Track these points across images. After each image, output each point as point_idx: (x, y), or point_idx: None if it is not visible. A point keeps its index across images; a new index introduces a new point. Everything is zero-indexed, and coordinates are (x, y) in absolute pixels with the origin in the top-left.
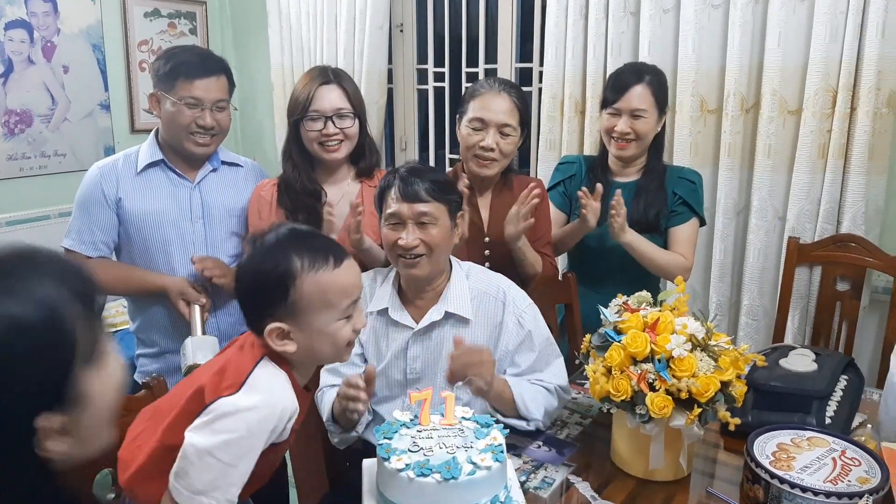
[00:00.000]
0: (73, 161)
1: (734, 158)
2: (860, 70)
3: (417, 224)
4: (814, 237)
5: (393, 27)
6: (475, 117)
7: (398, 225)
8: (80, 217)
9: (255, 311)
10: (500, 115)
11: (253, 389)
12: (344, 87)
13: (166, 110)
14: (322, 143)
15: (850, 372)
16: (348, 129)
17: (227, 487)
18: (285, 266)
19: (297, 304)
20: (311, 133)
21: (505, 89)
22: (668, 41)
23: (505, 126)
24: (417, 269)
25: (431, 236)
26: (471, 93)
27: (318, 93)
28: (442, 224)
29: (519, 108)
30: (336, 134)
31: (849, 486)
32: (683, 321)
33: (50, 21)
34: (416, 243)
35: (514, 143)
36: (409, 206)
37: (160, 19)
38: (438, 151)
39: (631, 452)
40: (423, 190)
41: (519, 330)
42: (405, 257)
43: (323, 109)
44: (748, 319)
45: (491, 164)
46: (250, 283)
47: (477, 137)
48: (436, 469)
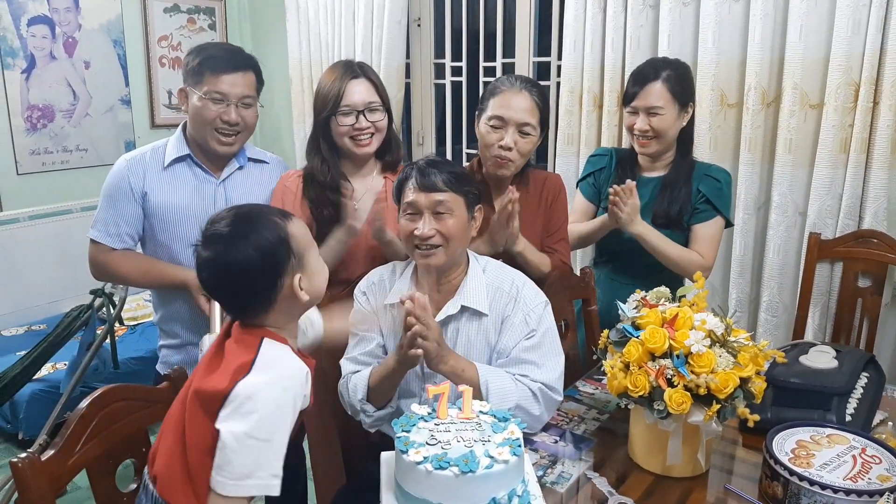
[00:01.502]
0: (94, 156)
1: (754, 153)
2: (883, 64)
3: (434, 214)
4: (835, 233)
5: (410, 22)
6: (494, 115)
7: (415, 215)
8: (106, 208)
9: (268, 284)
10: (519, 113)
11: (265, 366)
12: (372, 81)
13: (193, 105)
14: (353, 138)
15: (871, 369)
16: (379, 122)
17: (269, 463)
18: (278, 227)
19: (298, 252)
20: (342, 128)
21: (526, 87)
22: (687, 34)
23: (524, 125)
24: (433, 260)
25: (448, 226)
26: (491, 90)
27: (348, 87)
28: (458, 215)
29: (539, 106)
30: (368, 128)
31: (869, 484)
32: (702, 317)
33: (71, 17)
34: (432, 233)
35: (532, 142)
36: (426, 195)
37: (179, 14)
38: (455, 146)
39: (648, 448)
40: (440, 180)
41: (523, 327)
42: (421, 248)
43: (354, 104)
44: (768, 315)
45: (508, 164)
46: (257, 261)
47: (495, 136)
48: (453, 462)
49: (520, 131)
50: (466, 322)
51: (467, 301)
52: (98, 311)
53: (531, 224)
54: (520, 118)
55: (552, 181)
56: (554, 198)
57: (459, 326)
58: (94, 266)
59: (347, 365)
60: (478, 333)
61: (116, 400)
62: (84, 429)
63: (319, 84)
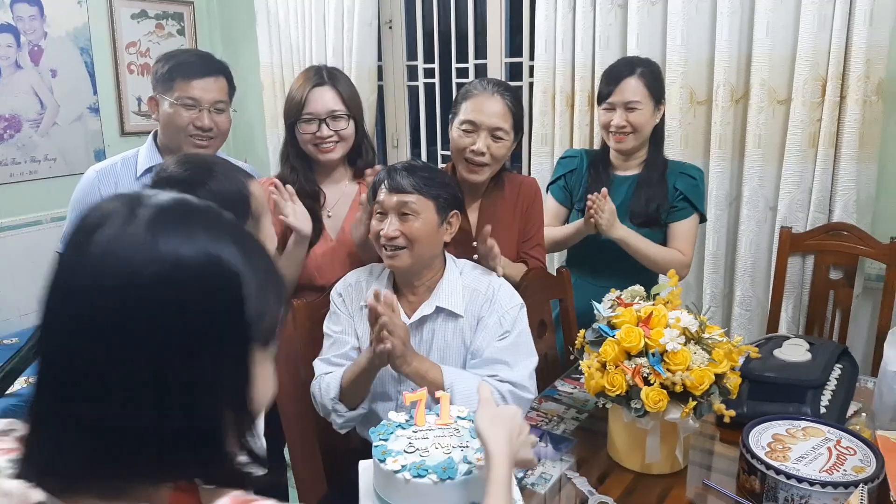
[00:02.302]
0: (63, 165)
1: (725, 149)
2: (849, 58)
3: (399, 215)
4: (806, 226)
5: (382, 24)
6: (466, 119)
7: (382, 215)
8: None
9: None
10: (492, 118)
11: None
12: (338, 89)
13: (164, 112)
14: (317, 145)
15: (845, 360)
16: (343, 130)
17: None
18: (238, 180)
19: (256, 212)
20: (305, 136)
21: (498, 91)
22: (656, 33)
23: (497, 130)
24: (397, 261)
25: (412, 229)
26: (463, 94)
27: (311, 95)
28: (425, 218)
29: (513, 111)
30: (330, 136)
31: (844, 476)
32: (677, 315)
33: (36, 25)
34: (395, 234)
35: (506, 147)
36: (392, 196)
37: (147, 20)
38: (430, 148)
39: (627, 446)
40: (408, 183)
41: (497, 328)
42: (386, 248)
43: (316, 112)
44: (741, 310)
45: (481, 169)
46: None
47: (467, 140)
48: (432, 470)
49: (492, 136)
50: (442, 323)
51: (443, 302)
52: None
53: (507, 230)
54: (492, 123)
55: (528, 186)
56: (530, 203)
57: (435, 327)
58: None
59: (320, 366)
60: (454, 334)
61: None
62: None
63: (289, 90)
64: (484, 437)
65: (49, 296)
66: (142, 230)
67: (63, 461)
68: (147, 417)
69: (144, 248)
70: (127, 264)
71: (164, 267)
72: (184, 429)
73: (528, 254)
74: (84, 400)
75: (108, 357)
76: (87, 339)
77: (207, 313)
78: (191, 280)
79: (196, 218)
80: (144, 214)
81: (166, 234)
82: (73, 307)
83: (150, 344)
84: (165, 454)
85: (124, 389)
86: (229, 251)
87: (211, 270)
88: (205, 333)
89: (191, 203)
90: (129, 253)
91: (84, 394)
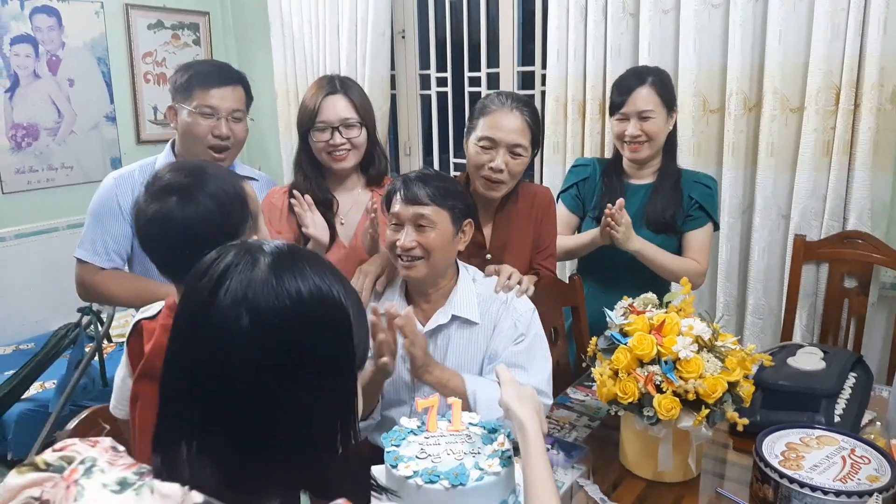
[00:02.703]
0: (80, 173)
1: (738, 158)
2: (863, 67)
3: (415, 227)
4: (820, 235)
5: (395, 33)
6: (484, 136)
7: (398, 226)
8: (93, 227)
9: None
10: (511, 134)
11: None
12: (350, 97)
13: (182, 121)
14: (330, 153)
15: (859, 369)
16: (355, 138)
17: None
18: (233, 181)
19: (254, 212)
20: (318, 144)
21: (517, 107)
22: (668, 42)
23: (516, 146)
24: (414, 272)
25: (429, 239)
26: (480, 109)
27: (324, 103)
28: (441, 229)
29: (531, 126)
30: (343, 144)
31: (858, 485)
32: (689, 322)
33: (55, 35)
34: (412, 245)
35: (524, 163)
36: (408, 207)
37: (164, 31)
38: (442, 156)
39: (639, 454)
40: (424, 193)
41: (513, 332)
42: (403, 259)
43: (329, 120)
44: (754, 318)
45: (499, 185)
46: (215, 213)
47: (485, 157)
48: (444, 476)
49: (511, 152)
50: (457, 331)
51: (458, 310)
52: (86, 329)
53: (521, 241)
54: (511, 139)
55: (542, 196)
56: (544, 213)
57: (451, 335)
58: (82, 286)
59: None
60: (469, 342)
61: (104, 421)
62: None
63: (303, 99)
64: (514, 412)
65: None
66: (267, 274)
67: (210, 473)
68: (279, 432)
69: (269, 288)
70: (257, 304)
71: (288, 304)
72: (308, 440)
73: (540, 264)
74: (226, 420)
75: (247, 383)
76: (228, 369)
77: (327, 342)
78: (312, 314)
79: (305, 260)
80: (266, 261)
81: (287, 276)
82: (213, 345)
83: (282, 370)
84: (294, 463)
85: (263, 409)
86: (337, 288)
87: (326, 305)
88: (325, 359)
89: (297, 248)
90: (258, 294)
91: (227, 415)
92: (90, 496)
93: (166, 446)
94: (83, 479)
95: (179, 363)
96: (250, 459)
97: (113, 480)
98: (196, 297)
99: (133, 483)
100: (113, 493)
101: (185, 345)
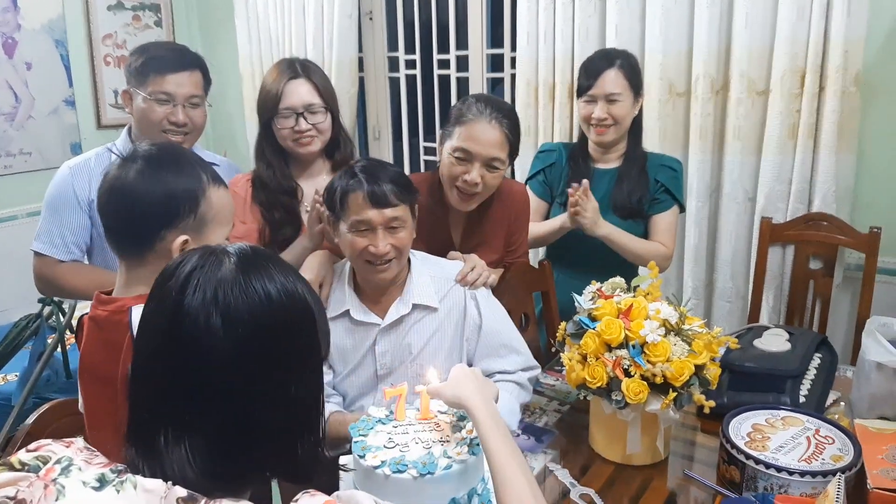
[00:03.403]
0: (39, 159)
1: (705, 141)
2: (827, 50)
3: (387, 229)
4: (786, 217)
5: (362, 15)
6: (460, 147)
7: (367, 231)
8: (50, 219)
9: (154, 224)
10: (488, 148)
11: None
12: (313, 81)
13: (138, 106)
14: (295, 140)
15: (824, 350)
16: (320, 123)
17: None
18: (195, 176)
19: (205, 216)
20: (283, 131)
21: (496, 118)
22: (634, 25)
23: (493, 160)
24: (387, 273)
25: (401, 239)
26: (457, 116)
27: (287, 88)
28: (409, 225)
29: (510, 139)
30: (308, 130)
31: (822, 465)
32: (657, 306)
33: (10, 17)
34: (388, 249)
35: (500, 175)
36: (380, 212)
37: (124, 12)
38: (412, 139)
39: (608, 438)
40: (390, 193)
41: (474, 316)
42: (375, 263)
43: (293, 106)
44: (722, 301)
45: (472, 198)
46: (153, 192)
47: (460, 169)
48: (412, 465)
49: (487, 166)
50: (417, 316)
51: (417, 299)
52: (48, 320)
53: (494, 236)
54: (488, 153)
55: (517, 193)
56: (518, 213)
57: (410, 322)
58: (41, 280)
59: None
60: (430, 328)
61: (65, 414)
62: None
63: (262, 84)
64: (458, 400)
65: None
66: (234, 275)
67: (191, 465)
68: (255, 423)
69: (239, 289)
70: (228, 304)
71: (258, 303)
72: (282, 429)
73: (514, 260)
74: (203, 416)
75: (222, 380)
76: (203, 368)
77: (296, 337)
78: (281, 311)
79: (268, 260)
80: (231, 261)
81: (254, 275)
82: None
83: (256, 367)
84: (269, 452)
85: (239, 404)
86: (300, 285)
87: (293, 302)
88: (295, 353)
89: (259, 248)
90: (228, 294)
91: (203, 411)
92: (71, 495)
93: (143, 442)
94: (62, 479)
95: (152, 363)
96: (228, 451)
97: (92, 478)
98: (165, 299)
99: (112, 480)
100: (94, 491)
101: (159, 347)
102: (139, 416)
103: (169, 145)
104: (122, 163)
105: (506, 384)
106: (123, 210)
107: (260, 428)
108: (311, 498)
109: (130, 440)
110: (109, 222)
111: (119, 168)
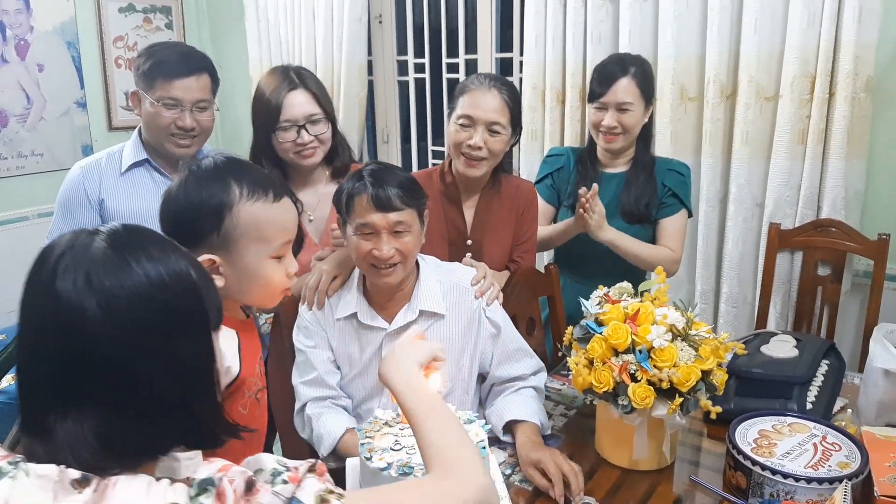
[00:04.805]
0: (50, 160)
1: (714, 146)
2: (837, 55)
3: (392, 234)
4: (794, 223)
5: (372, 19)
6: (463, 114)
7: (371, 235)
8: (61, 218)
9: (182, 240)
10: (489, 112)
11: None
12: (311, 90)
13: (146, 110)
14: (298, 152)
15: (831, 356)
16: (322, 134)
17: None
18: (223, 191)
19: (230, 233)
20: (285, 144)
21: (495, 86)
22: (647, 29)
23: (494, 124)
24: (392, 278)
25: (406, 244)
26: (460, 89)
27: (286, 100)
28: (415, 230)
29: (510, 105)
30: (311, 141)
31: (829, 472)
32: (664, 311)
33: (23, 19)
34: (392, 254)
35: (503, 141)
36: (384, 215)
37: (135, 14)
38: (420, 143)
39: (614, 443)
40: (396, 197)
41: (489, 326)
42: (379, 267)
43: (295, 118)
44: (728, 307)
45: (479, 163)
46: (183, 208)
47: (464, 135)
48: (418, 467)
49: (489, 130)
50: (424, 323)
51: (424, 305)
52: None
53: (501, 231)
54: (488, 117)
55: (525, 189)
56: (526, 207)
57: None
58: None
59: (305, 392)
60: (438, 335)
61: None
62: None
63: (257, 92)
64: (383, 386)
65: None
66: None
67: (85, 445)
68: (145, 397)
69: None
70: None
71: (135, 282)
72: (177, 399)
73: (521, 256)
74: (92, 395)
75: (106, 360)
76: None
77: (179, 313)
78: (161, 290)
79: (144, 237)
80: (101, 240)
81: (129, 254)
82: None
83: (138, 345)
84: (168, 421)
85: (126, 380)
86: (181, 260)
87: (174, 279)
88: (178, 327)
89: (133, 226)
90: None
91: (91, 391)
92: None
93: (36, 428)
94: None
95: (33, 349)
96: (121, 427)
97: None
98: (38, 285)
99: (8, 472)
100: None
101: (38, 332)
102: (29, 403)
103: (209, 161)
104: (187, 167)
105: (526, 390)
106: (168, 217)
107: (151, 402)
108: (209, 464)
109: (24, 429)
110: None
111: (183, 169)
